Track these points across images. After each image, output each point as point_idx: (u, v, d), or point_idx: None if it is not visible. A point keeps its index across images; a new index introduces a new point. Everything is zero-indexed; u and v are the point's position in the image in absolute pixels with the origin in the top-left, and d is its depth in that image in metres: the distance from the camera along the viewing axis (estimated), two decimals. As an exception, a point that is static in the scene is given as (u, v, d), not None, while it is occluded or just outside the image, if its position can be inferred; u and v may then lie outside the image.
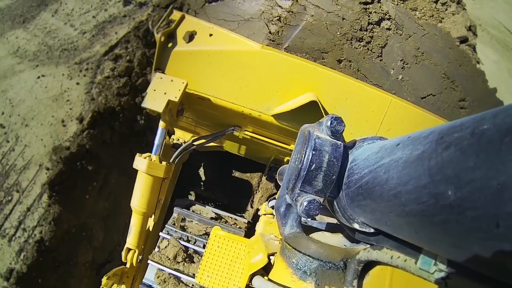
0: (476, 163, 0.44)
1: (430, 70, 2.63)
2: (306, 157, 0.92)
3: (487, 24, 5.79)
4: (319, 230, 1.28)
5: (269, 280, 1.25)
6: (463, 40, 2.81)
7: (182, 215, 2.64)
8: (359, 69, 2.44)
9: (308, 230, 1.25)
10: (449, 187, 0.49)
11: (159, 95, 1.91)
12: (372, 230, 0.91)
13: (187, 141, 2.37)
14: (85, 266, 3.23)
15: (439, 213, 0.52)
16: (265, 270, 1.33)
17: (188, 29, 2.12)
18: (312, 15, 2.35)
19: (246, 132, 2.45)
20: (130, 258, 2.10)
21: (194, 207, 2.94)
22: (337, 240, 1.17)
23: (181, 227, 2.63)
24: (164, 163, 2.02)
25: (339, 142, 0.94)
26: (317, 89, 2.12)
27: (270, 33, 2.30)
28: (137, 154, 2.02)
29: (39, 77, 3.39)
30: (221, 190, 3.99)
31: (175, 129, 2.87)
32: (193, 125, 2.74)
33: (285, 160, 2.99)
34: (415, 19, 2.72)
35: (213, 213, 2.85)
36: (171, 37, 2.12)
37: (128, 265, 2.14)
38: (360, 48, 2.47)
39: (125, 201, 3.45)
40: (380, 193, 0.72)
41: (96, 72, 3.47)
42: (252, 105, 2.15)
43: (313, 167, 0.91)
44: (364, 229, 0.92)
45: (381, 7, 2.57)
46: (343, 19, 2.43)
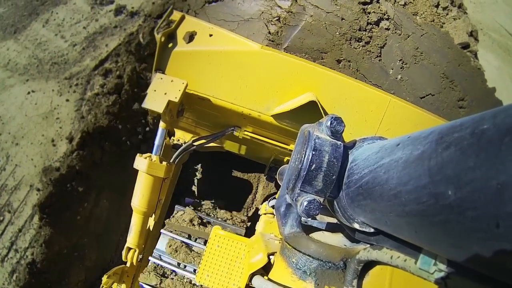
0: (476, 163, 0.44)
1: (429, 70, 2.63)
2: (306, 157, 0.92)
3: (488, 28, 5.74)
4: (319, 229, 1.28)
5: (269, 279, 1.25)
6: (465, 46, 2.81)
7: (168, 240, 2.63)
8: (358, 69, 2.44)
9: (308, 229, 1.25)
10: (449, 187, 0.49)
11: (159, 95, 1.91)
12: (372, 230, 0.91)
13: (187, 142, 2.37)
14: (78, 285, 3.21)
15: (439, 213, 0.52)
16: (265, 269, 1.33)
17: (188, 30, 2.12)
18: (311, 16, 2.36)
19: (246, 132, 2.45)
20: (130, 257, 2.10)
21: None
22: (337, 240, 1.17)
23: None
24: (164, 163, 2.03)
25: (339, 142, 0.94)
26: (317, 89, 2.12)
27: (269, 33, 2.30)
28: (138, 154, 2.02)
29: (29, 93, 3.37)
30: (221, 190, 3.99)
31: (175, 130, 2.87)
32: (193, 125, 2.74)
33: (285, 160, 3.00)
34: (414, 19, 2.73)
35: (202, 233, 2.84)
36: (171, 37, 2.12)
37: (128, 264, 2.14)
38: (359, 48, 2.47)
39: (117, 219, 3.46)
40: (380, 193, 0.72)
41: (86, 87, 3.45)
42: (251, 105, 2.15)
43: (313, 167, 0.91)
44: (364, 229, 0.92)
45: (380, 8, 2.57)
46: (342, 19, 2.43)
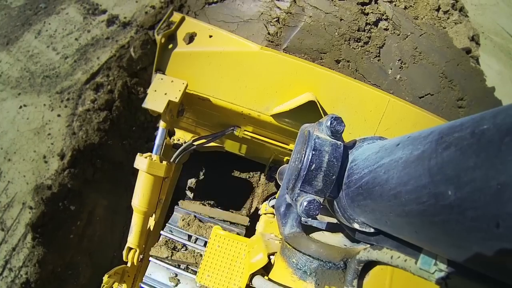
0: (476, 163, 0.44)
1: (428, 69, 2.64)
2: (306, 157, 0.92)
3: (489, 31, 5.68)
4: (319, 229, 1.28)
5: (269, 279, 1.25)
6: (466, 51, 2.80)
7: (159, 263, 2.64)
8: (357, 69, 2.44)
9: (308, 229, 1.25)
10: (449, 187, 0.49)
11: (159, 95, 1.91)
12: (372, 230, 0.91)
13: (188, 141, 2.37)
14: (73, 304, 3.19)
15: (439, 213, 0.52)
16: (265, 269, 1.33)
17: (188, 31, 2.13)
18: (310, 16, 2.36)
19: (246, 132, 2.46)
20: (131, 257, 2.10)
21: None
22: (337, 240, 1.18)
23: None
24: (164, 163, 2.03)
25: (339, 142, 0.95)
26: (316, 89, 2.12)
27: (269, 34, 2.30)
28: (138, 154, 2.03)
29: (21, 107, 3.35)
30: (221, 189, 3.99)
31: (176, 130, 2.87)
32: (193, 125, 2.74)
33: (285, 160, 3.00)
34: (412, 19, 2.73)
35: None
36: (172, 38, 2.12)
37: (129, 264, 2.14)
38: (358, 48, 2.47)
39: (110, 235, 3.46)
40: (380, 193, 0.72)
41: (77, 102, 3.44)
42: (251, 105, 2.16)
43: (313, 167, 0.92)
44: (364, 229, 0.93)
45: (378, 8, 2.57)
46: (341, 19, 2.43)
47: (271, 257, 1.33)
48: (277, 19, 2.35)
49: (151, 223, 2.41)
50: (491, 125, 0.44)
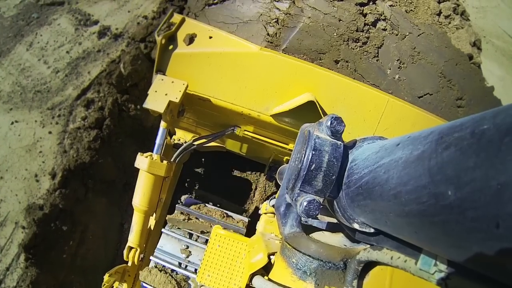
0: (476, 163, 0.44)
1: (426, 69, 2.64)
2: (306, 157, 0.92)
3: (491, 34, 5.59)
4: (319, 229, 1.28)
5: (269, 280, 1.25)
6: (469, 58, 2.79)
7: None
8: (356, 70, 2.45)
9: (308, 229, 1.26)
10: (449, 187, 0.49)
11: (160, 96, 1.92)
12: (372, 230, 0.91)
13: (188, 141, 2.37)
14: (67, 324, 3.16)
15: (439, 213, 0.52)
16: (266, 269, 1.33)
17: (188, 32, 2.13)
18: (309, 17, 2.36)
19: (246, 132, 2.46)
20: (131, 256, 2.11)
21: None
22: (337, 240, 1.18)
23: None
24: (165, 162, 2.03)
25: (339, 142, 0.95)
26: (315, 90, 2.13)
27: (268, 35, 2.31)
28: (139, 153, 2.03)
29: (13, 123, 3.32)
30: (221, 189, 4.00)
31: (176, 130, 2.87)
32: (193, 125, 2.74)
33: (285, 160, 3.00)
34: (411, 19, 2.73)
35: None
36: (172, 39, 2.13)
37: (129, 264, 2.14)
38: (356, 48, 2.48)
39: (104, 253, 3.44)
40: (380, 193, 0.72)
41: (68, 119, 3.41)
42: (251, 106, 2.16)
43: (313, 167, 0.92)
44: (364, 229, 0.93)
45: (376, 8, 2.58)
46: (340, 20, 2.44)
47: (271, 257, 1.33)
48: (276, 20, 2.35)
49: (152, 222, 2.41)
50: (491, 125, 0.44)
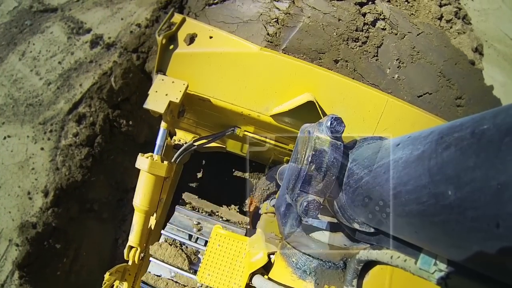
0: (476, 163, 0.44)
1: (426, 68, 2.64)
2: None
3: (493, 38, 5.50)
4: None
5: (269, 279, 1.26)
6: (471, 64, 2.77)
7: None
8: (356, 69, 2.45)
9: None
10: (449, 187, 0.49)
11: (160, 96, 1.92)
12: (372, 230, 0.91)
13: (188, 142, 2.37)
14: None
15: (439, 213, 0.52)
16: (266, 269, 1.34)
17: (188, 32, 2.13)
18: (308, 17, 2.36)
19: (246, 132, 2.46)
20: (132, 256, 2.11)
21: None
22: (337, 239, 1.18)
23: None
24: (165, 163, 2.03)
25: (339, 142, 0.95)
26: (315, 90, 2.13)
27: (268, 34, 2.30)
28: (140, 154, 2.03)
29: (5, 138, 3.31)
30: (221, 189, 4.00)
31: (177, 130, 2.87)
32: (194, 126, 2.74)
33: (285, 160, 3.00)
34: (410, 19, 2.73)
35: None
36: (172, 39, 2.13)
37: (130, 263, 2.15)
38: (356, 48, 2.48)
39: (99, 269, 3.42)
40: (380, 193, 0.72)
41: (60, 135, 3.40)
42: (251, 106, 2.16)
43: (313, 167, 0.92)
44: (364, 229, 0.93)
45: (375, 8, 2.58)
46: (339, 20, 2.44)
47: (271, 256, 1.33)
48: (276, 19, 2.35)
49: (152, 222, 2.41)
50: (491, 125, 0.44)
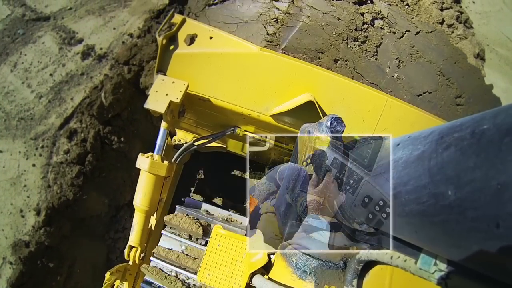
0: (476, 163, 0.44)
1: (425, 67, 2.64)
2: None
3: (495, 42, 5.46)
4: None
5: (269, 279, 1.26)
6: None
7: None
8: (355, 68, 2.45)
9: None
10: (449, 187, 0.49)
11: (161, 96, 1.92)
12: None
13: (189, 142, 2.37)
14: None
15: (439, 213, 0.52)
16: (266, 269, 1.34)
17: (189, 32, 2.14)
18: (308, 16, 2.36)
19: (246, 132, 2.46)
20: (132, 255, 2.11)
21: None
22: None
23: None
24: (166, 162, 2.04)
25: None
26: (314, 90, 2.13)
27: (267, 34, 2.31)
28: (140, 154, 2.03)
29: None
30: (221, 189, 4.00)
31: (177, 130, 2.87)
32: (194, 126, 2.74)
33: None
34: (408, 18, 2.73)
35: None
36: (173, 40, 2.13)
37: (130, 263, 2.15)
38: (355, 47, 2.48)
39: (93, 285, 3.43)
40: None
41: (51, 150, 3.41)
42: (251, 106, 2.16)
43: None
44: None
45: (374, 7, 2.58)
46: (338, 19, 2.44)
47: (271, 256, 1.33)
48: (275, 19, 2.35)
49: (152, 222, 2.41)
50: (491, 125, 0.44)
